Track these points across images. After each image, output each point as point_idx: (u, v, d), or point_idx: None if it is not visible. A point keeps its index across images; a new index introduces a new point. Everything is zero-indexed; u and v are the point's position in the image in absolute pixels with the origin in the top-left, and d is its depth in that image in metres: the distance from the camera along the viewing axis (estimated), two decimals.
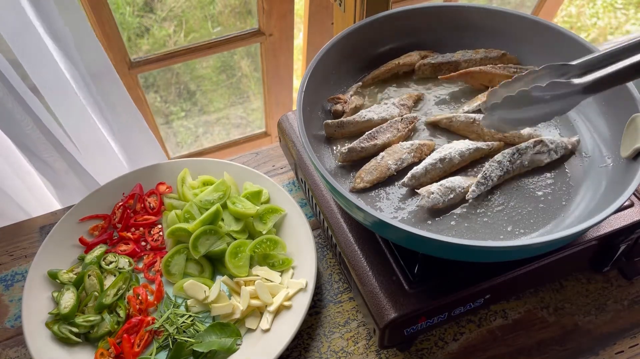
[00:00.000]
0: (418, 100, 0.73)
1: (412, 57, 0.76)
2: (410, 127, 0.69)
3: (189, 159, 0.87)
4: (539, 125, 0.70)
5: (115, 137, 1.12)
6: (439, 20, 0.77)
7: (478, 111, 0.70)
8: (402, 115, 0.70)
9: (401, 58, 0.76)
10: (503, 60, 0.75)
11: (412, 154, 0.66)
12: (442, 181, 0.62)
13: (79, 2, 1.08)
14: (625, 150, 0.61)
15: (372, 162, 0.65)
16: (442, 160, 0.64)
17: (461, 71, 0.73)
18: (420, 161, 0.66)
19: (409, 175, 0.63)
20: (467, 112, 0.71)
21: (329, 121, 0.69)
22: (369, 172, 0.64)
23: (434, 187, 0.61)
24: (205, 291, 0.72)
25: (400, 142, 0.67)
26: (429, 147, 0.67)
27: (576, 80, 0.56)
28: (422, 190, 0.61)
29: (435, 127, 0.71)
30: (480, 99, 0.71)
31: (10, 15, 0.81)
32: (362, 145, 0.66)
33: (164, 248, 0.80)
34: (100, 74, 0.97)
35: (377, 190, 0.64)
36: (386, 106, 0.71)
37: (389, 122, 0.69)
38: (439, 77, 0.74)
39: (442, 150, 0.65)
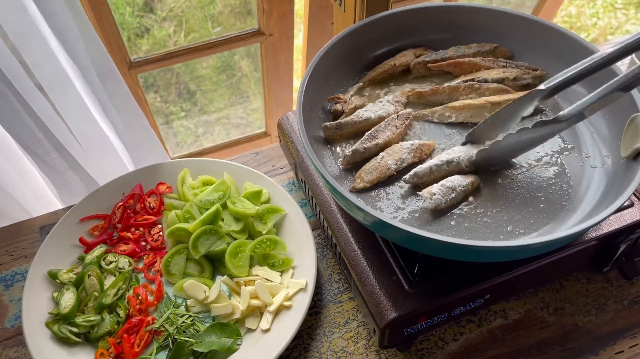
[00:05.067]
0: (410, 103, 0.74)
1: (406, 57, 0.76)
2: (406, 123, 0.69)
3: (189, 159, 0.86)
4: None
5: (118, 136, 1.12)
6: (439, 20, 0.77)
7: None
8: (397, 112, 0.71)
9: (396, 58, 0.76)
10: (495, 53, 0.76)
11: (412, 154, 0.66)
12: (443, 182, 0.62)
13: (79, 1, 1.08)
14: (625, 150, 0.61)
15: (372, 162, 0.65)
16: (449, 162, 0.63)
17: (450, 61, 0.74)
18: (420, 161, 0.66)
19: (412, 172, 0.63)
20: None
21: (327, 124, 0.69)
22: (369, 172, 0.64)
23: (435, 188, 0.61)
24: (205, 291, 0.72)
25: (400, 142, 0.67)
26: (429, 147, 0.67)
27: (562, 113, 0.57)
28: (424, 192, 0.61)
29: (420, 99, 0.73)
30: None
31: (13, 14, 0.81)
32: (364, 145, 0.66)
33: (164, 248, 0.80)
34: (101, 74, 0.97)
35: (377, 190, 0.64)
36: (381, 104, 0.71)
37: (386, 120, 0.69)
38: (428, 65, 0.75)
39: (452, 152, 0.64)
